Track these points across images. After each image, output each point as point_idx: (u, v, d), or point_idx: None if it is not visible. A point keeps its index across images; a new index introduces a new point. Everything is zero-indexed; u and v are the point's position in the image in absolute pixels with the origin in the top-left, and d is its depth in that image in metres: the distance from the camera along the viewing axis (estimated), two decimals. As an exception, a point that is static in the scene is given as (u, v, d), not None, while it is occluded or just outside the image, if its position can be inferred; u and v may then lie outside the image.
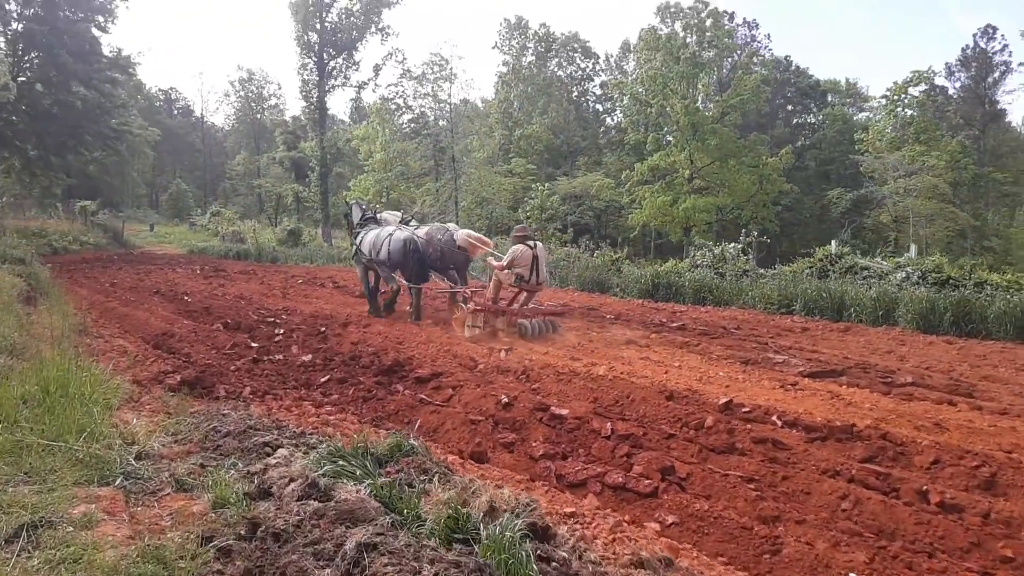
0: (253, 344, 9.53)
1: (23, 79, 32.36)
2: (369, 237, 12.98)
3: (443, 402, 6.61)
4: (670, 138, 39.52)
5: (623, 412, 6.16)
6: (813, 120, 59.95)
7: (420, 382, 7.31)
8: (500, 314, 10.71)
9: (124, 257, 30.24)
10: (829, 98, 60.87)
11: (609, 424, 5.61)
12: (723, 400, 6.22)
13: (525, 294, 11.17)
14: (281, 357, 8.79)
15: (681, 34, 41.25)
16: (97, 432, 4.58)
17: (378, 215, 14.21)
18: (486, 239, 12.76)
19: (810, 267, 15.46)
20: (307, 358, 8.62)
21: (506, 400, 6.21)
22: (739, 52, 45.89)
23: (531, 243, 10.92)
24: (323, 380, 7.67)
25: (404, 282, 12.31)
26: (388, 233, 12.60)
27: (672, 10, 42.57)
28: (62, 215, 39.75)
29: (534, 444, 5.40)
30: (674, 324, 11.53)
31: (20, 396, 4.95)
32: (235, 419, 5.15)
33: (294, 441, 4.63)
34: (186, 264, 26.22)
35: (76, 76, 31.95)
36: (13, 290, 10.27)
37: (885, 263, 14.78)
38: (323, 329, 10.39)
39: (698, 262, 17.26)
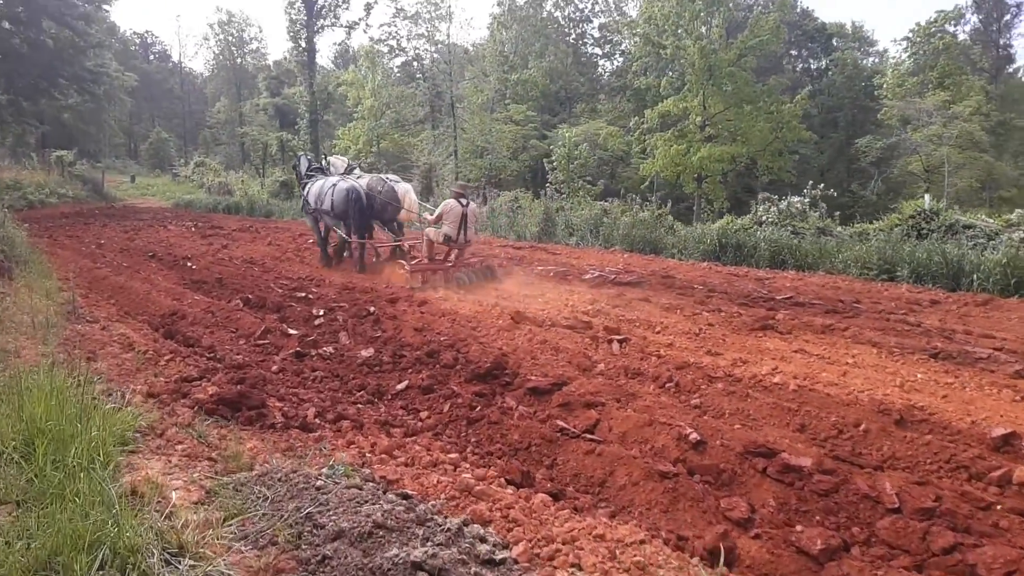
0: (291, 331, 7.61)
1: (-11, 17, 29.60)
2: (315, 188, 13.24)
3: (586, 429, 4.76)
4: (686, 81, 37.15)
5: (860, 452, 4.36)
6: (816, 65, 57.75)
7: (538, 395, 5.46)
8: (436, 270, 11.13)
9: (105, 211, 27.93)
10: (834, 42, 58.51)
11: (884, 485, 3.78)
12: (999, 432, 4.42)
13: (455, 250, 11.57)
14: (332, 350, 6.90)
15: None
16: (119, 537, 2.73)
17: (325, 165, 14.49)
18: (415, 201, 13.16)
19: (899, 225, 13.60)
20: (367, 353, 6.72)
21: (695, 437, 4.36)
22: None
23: (463, 201, 11.30)
24: (400, 388, 5.81)
25: (344, 235, 12.64)
26: (332, 183, 12.74)
27: (687, -57, 39.72)
28: (37, 166, 37.03)
29: (779, 517, 3.59)
30: (781, 297, 9.70)
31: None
32: (339, 497, 3.28)
33: (459, 555, 2.78)
34: (175, 219, 24.04)
35: (47, 12, 29.17)
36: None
37: (992, 221, 12.97)
38: (371, 309, 8.48)
39: (762, 218, 15.36)
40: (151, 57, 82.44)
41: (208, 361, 6.46)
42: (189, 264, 12.45)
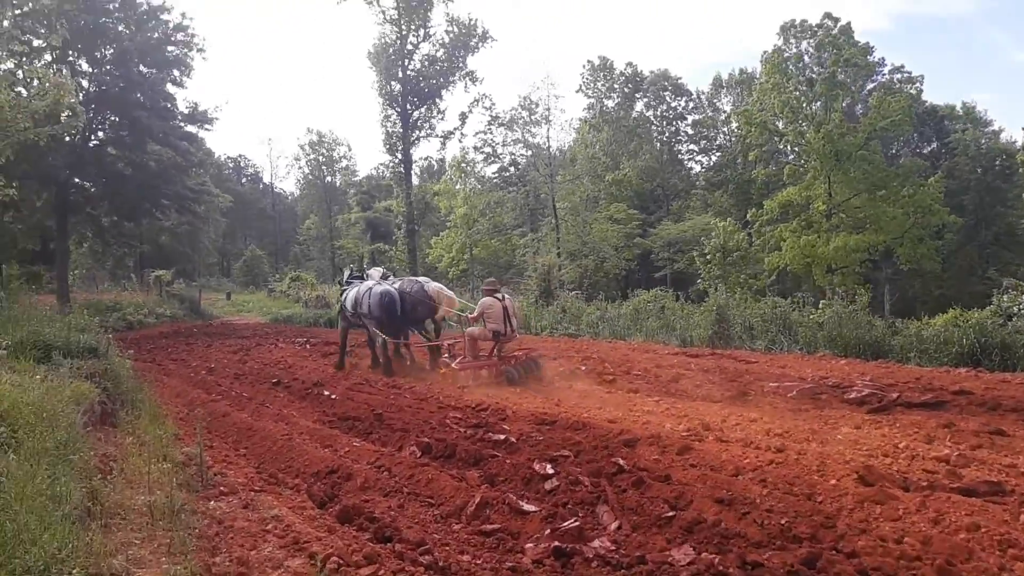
0: (524, 506, 4.97)
1: (95, 142, 29.40)
2: (352, 293, 13.65)
3: None
4: (809, 168, 34.56)
5: None
6: (929, 149, 54.63)
7: None
8: (483, 367, 11.48)
9: (204, 329, 26.47)
10: (946, 124, 55.40)
11: None
12: None
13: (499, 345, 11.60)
14: (611, 545, 4.23)
15: (809, 55, 36.65)
16: None
17: (362, 274, 15.10)
18: (453, 298, 13.48)
19: None
20: (682, 556, 4.02)
21: None
22: (876, 72, 40.78)
23: (499, 295, 11.67)
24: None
25: (383, 336, 12.79)
26: (367, 287, 13.16)
27: (798, 30, 37.99)
28: (136, 286, 36.57)
29: None
30: None
31: None
32: None
33: None
34: (279, 336, 22.15)
35: (151, 134, 28.76)
36: (79, 408, 6.02)
37: None
38: (620, 462, 5.77)
39: (1011, 310, 12.25)
40: (243, 180, 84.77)
41: (429, 574, 3.88)
42: (325, 392, 10.06)
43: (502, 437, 6.69)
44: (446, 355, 12.16)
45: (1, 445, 4.41)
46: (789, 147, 40.30)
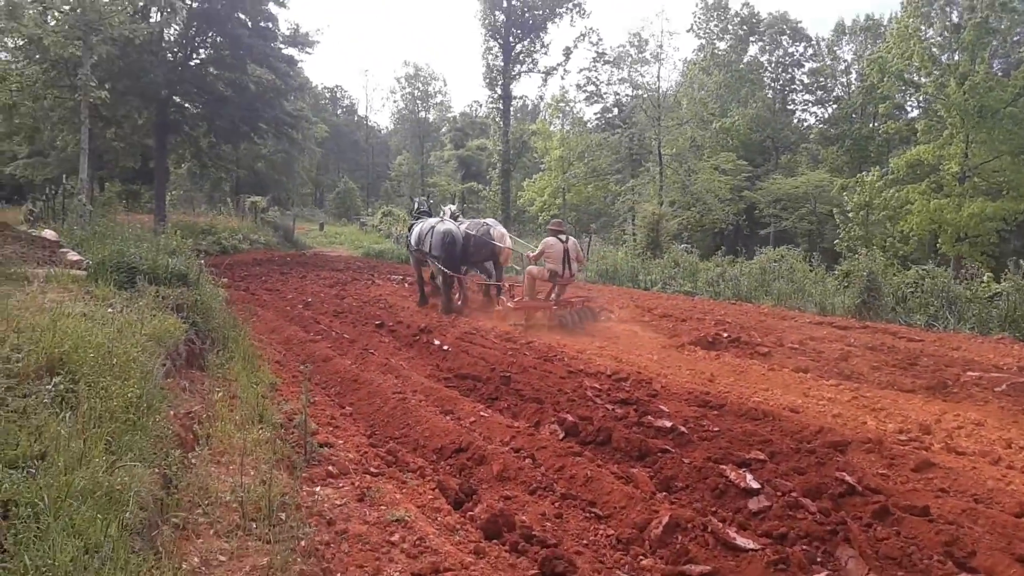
0: (738, 540, 3.62)
1: (196, 61, 28.84)
2: (416, 229, 13.73)
3: None
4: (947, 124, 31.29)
5: None
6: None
7: None
8: (539, 309, 11.25)
9: (298, 259, 25.96)
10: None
11: None
12: None
13: (557, 287, 11.44)
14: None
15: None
16: None
17: (440, 209, 15.05)
18: (509, 246, 12.97)
19: None
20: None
21: None
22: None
23: (563, 237, 11.42)
24: None
25: (443, 268, 12.52)
26: (431, 225, 13.04)
27: (945, -32, 34.20)
28: (232, 211, 36.48)
29: None
30: None
31: None
32: None
33: None
34: (376, 272, 21.25)
35: (252, 54, 27.97)
36: (161, 349, 4.93)
37: None
38: (845, 478, 4.34)
39: None
40: (338, 112, 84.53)
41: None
42: (436, 342, 8.86)
43: (667, 424, 5.31)
44: (505, 297, 11.95)
45: (55, 404, 3.29)
46: (919, 101, 36.89)
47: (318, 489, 3.98)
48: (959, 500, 4.11)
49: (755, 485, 4.18)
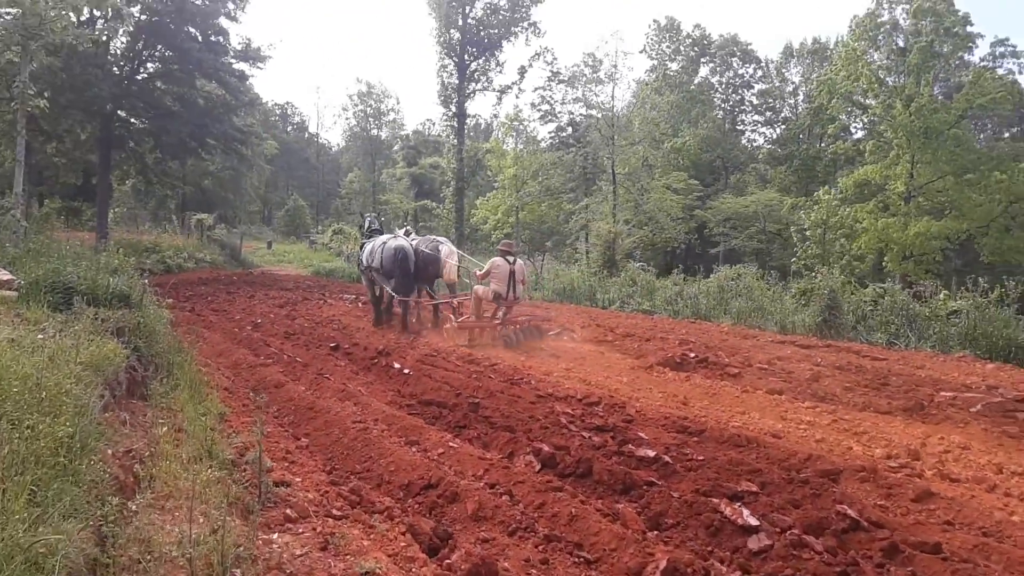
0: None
1: (143, 75, 27.96)
2: (368, 246, 13.54)
3: None
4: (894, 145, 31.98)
5: None
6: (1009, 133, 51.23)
7: None
8: (483, 328, 11.28)
9: (245, 279, 25.18)
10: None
11: None
12: None
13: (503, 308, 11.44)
14: None
15: (905, 20, 33.72)
16: None
17: (390, 228, 15.20)
18: (455, 263, 12.66)
19: None
20: None
21: None
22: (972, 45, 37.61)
23: (510, 258, 11.33)
24: None
25: (392, 292, 12.56)
26: (382, 242, 12.91)
27: (895, -7, 35.02)
28: (177, 229, 35.38)
29: None
30: None
31: None
32: None
33: None
34: (327, 291, 20.72)
35: (201, 69, 27.22)
36: (99, 378, 4.45)
37: None
38: (846, 511, 4.07)
39: None
40: (289, 128, 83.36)
41: None
42: (395, 365, 8.44)
43: (650, 453, 5.01)
44: (452, 314, 11.88)
45: (-31, 448, 2.84)
46: (864, 123, 37.69)
47: (276, 536, 3.57)
48: (968, 534, 3.89)
49: (753, 521, 3.89)
